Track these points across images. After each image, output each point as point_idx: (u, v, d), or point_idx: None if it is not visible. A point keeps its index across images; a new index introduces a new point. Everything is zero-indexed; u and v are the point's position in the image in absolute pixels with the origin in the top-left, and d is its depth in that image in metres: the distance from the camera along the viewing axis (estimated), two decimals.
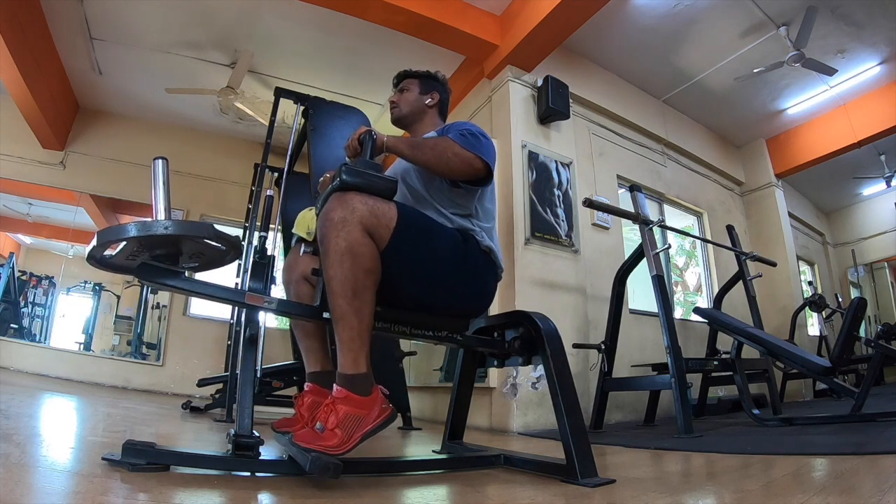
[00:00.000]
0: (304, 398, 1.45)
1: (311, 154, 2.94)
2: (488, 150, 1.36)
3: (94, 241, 0.99)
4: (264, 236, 1.44)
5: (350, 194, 1.14)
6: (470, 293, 1.37)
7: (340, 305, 1.10)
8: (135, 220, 1.01)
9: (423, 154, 1.30)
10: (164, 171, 1.07)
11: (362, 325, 1.11)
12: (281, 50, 4.01)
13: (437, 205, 1.39)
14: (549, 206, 3.37)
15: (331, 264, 1.11)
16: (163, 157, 1.08)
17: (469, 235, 1.37)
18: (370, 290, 1.13)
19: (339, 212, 1.11)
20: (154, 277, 1.08)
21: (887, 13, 3.57)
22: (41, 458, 1.07)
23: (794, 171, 5.31)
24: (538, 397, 2.83)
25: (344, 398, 1.07)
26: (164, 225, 0.99)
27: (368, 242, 1.13)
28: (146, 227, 0.98)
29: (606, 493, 1.06)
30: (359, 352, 1.10)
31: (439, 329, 1.38)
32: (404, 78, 1.68)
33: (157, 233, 0.99)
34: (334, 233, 1.10)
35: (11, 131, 4.38)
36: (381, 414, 1.10)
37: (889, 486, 1.05)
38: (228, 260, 1.18)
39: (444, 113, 1.68)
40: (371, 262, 1.13)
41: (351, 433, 1.05)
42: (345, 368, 1.10)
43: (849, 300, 5.10)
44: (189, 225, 1.07)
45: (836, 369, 2.45)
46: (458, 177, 1.34)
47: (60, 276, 4.77)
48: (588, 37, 3.72)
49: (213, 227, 1.06)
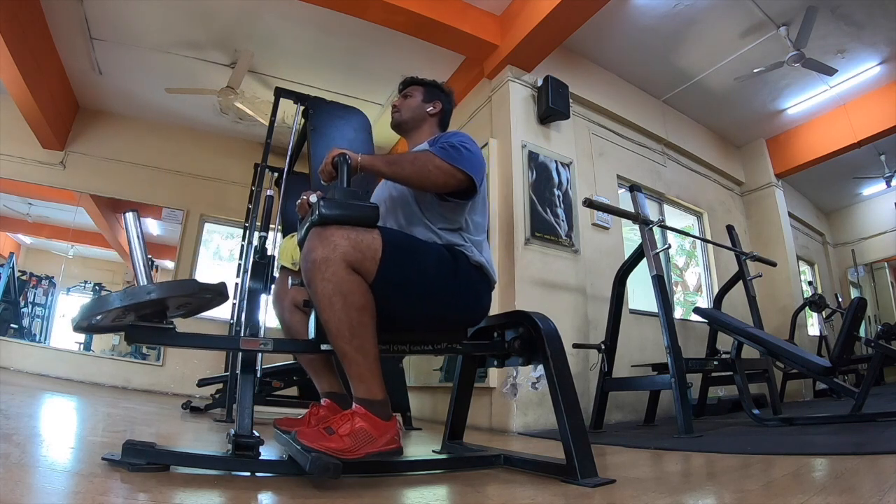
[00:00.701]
0: (320, 410, 1.47)
1: (311, 154, 2.94)
2: (471, 162, 1.32)
3: (79, 315, 0.99)
4: (264, 236, 1.44)
5: (330, 230, 1.10)
6: (463, 307, 1.35)
7: (341, 347, 1.09)
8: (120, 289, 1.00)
9: (403, 170, 1.26)
10: (136, 224, 1.04)
11: (367, 360, 1.10)
12: (281, 50, 4.02)
13: (427, 220, 1.36)
14: (549, 206, 3.37)
15: (322, 308, 1.09)
16: (133, 210, 1.05)
17: (458, 251, 1.34)
18: (367, 325, 1.10)
19: (321, 251, 1.08)
20: (144, 339, 1.10)
21: (887, 13, 3.57)
22: (41, 458, 1.07)
23: (794, 171, 5.31)
24: (538, 397, 2.83)
25: (363, 415, 1.08)
26: (147, 290, 0.98)
27: (355, 279, 1.10)
28: (131, 296, 0.97)
29: (606, 493, 1.06)
30: (371, 382, 1.10)
31: (438, 342, 1.38)
32: (410, 84, 1.65)
33: (142, 300, 0.98)
34: (319, 276, 1.07)
35: (11, 131, 4.39)
36: (390, 442, 1.10)
37: (889, 486, 1.05)
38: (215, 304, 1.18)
39: (444, 124, 1.64)
40: (362, 299, 1.10)
41: (359, 446, 1.05)
42: (359, 394, 1.11)
43: (849, 300, 5.10)
44: (172, 286, 1.05)
45: (836, 369, 2.45)
46: (441, 189, 1.31)
47: (60, 276, 4.76)
48: (588, 37, 3.72)
49: (195, 282, 1.05)
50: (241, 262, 3.67)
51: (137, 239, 1.03)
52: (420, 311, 1.27)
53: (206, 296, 1.09)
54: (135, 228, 1.03)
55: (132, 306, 0.99)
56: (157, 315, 1.10)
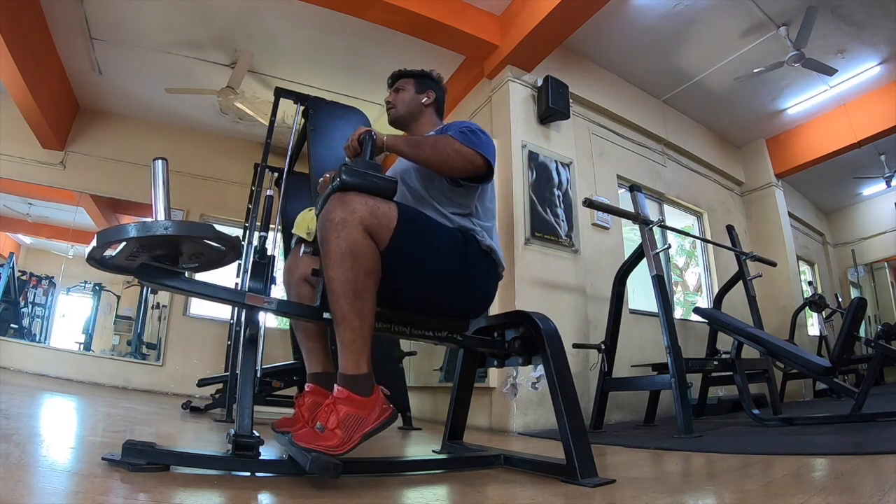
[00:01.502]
0: (305, 398, 1.45)
1: (311, 154, 2.94)
2: (488, 147, 1.36)
3: (94, 242, 0.99)
4: (264, 236, 1.44)
5: (350, 195, 1.14)
6: (470, 292, 1.36)
7: (341, 307, 1.10)
8: (135, 221, 1.01)
9: (424, 152, 1.29)
10: (164, 171, 1.06)
11: (363, 326, 1.11)
12: (281, 50, 4.02)
13: (436, 204, 1.39)
14: (549, 206, 3.37)
15: (331, 265, 1.10)
16: (162, 158, 1.07)
17: (469, 235, 1.36)
18: (371, 291, 1.12)
19: (340, 212, 1.11)
20: (154, 278, 1.08)
21: (887, 13, 3.57)
22: (41, 458, 1.07)
23: (794, 171, 5.31)
24: (538, 397, 2.83)
25: (345, 398, 1.07)
26: (164, 225, 0.99)
27: (369, 243, 1.12)
28: (146, 228, 0.98)
29: (606, 493, 1.06)
30: (360, 353, 1.10)
31: (439, 329, 1.38)
32: (399, 78, 1.67)
33: (157, 233, 0.98)
34: (335, 234, 1.10)
35: (11, 131, 4.38)
36: (381, 414, 1.10)
37: (889, 486, 1.05)
38: (228, 260, 1.18)
39: (440, 111, 1.67)
40: (372, 263, 1.13)
41: (351, 433, 1.05)
42: (346, 369, 1.10)
43: (849, 300, 5.10)
44: (189, 225, 1.07)
45: (836, 369, 2.45)
46: (459, 174, 1.34)
47: (60, 276, 4.77)
48: (588, 37, 3.72)
49: (213, 227, 1.06)
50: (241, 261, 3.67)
51: (163, 185, 1.06)
52: (426, 289, 1.28)
53: (221, 246, 1.09)
54: (162, 174, 1.06)
55: (147, 239, 1.00)
56: (170, 259, 1.11)
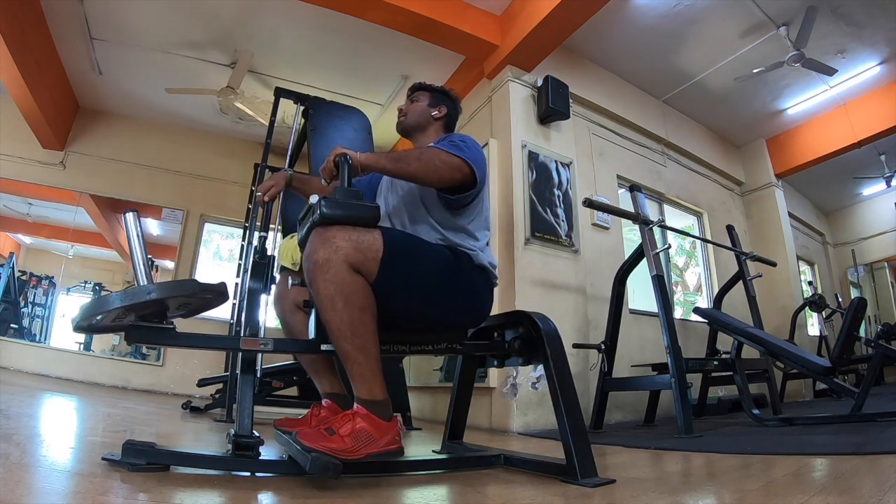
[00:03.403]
0: (321, 410, 1.46)
1: (311, 154, 2.95)
2: (476, 156, 1.35)
3: (79, 316, 0.99)
4: (264, 236, 1.44)
5: (332, 230, 1.11)
6: (465, 307, 1.35)
7: (343, 347, 1.09)
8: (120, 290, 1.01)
9: (409, 166, 1.25)
10: (137, 224, 1.04)
11: (369, 360, 1.10)
12: (281, 50, 4.01)
13: (432, 220, 1.37)
14: (549, 206, 3.37)
15: (324, 309, 1.09)
16: (133, 210, 1.05)
17: (461, 252, 1.34)
18: (368, 324, 1.11)
19: (323, 252, 1.08)
20: (144, 339, 1.09)
21: (887, 13, 3.57)
22: (41, 458, 1.07)
23: (794, 171, 5.31)
24: (538, 397, 2.83)
25: (365, 415, 1.08)
26: (147, 291, 0.98)
27: (357, 279, 1.11)
28: (131, 296, 0.97)
29: (606, 493, 1.06)
30: (372, 382, 1.10)
31: (438, 342, 1.38)
32: (417, 89, 1.65)
33: (142, 300, 0.98)
34: (321, 276, 1.08)
35: (11, 131, 4.38)
36: (391, 443, 1.10)
37: (889, 486, 1.05)
38: (216, 304, 1.18)
39: (450, 129, 1.64)
40: (364, 299, 1.11)
41: (360, 447, 1.05)
42: (361, 395, 1.11)
43: (849, 300, 5.10)
44: (172, 286, 1.05)
45: (836, 369, 2.45)
46: (447, 184, 1.31)
47: (60, 276, 4.76)
48: (588, 37, 3.72)
49: (196, 282, 1.06)
50: (241, 262, 3.67)
51: (137, 239, 1.04)
52: (421, 311, 1.27)
53: (207, 296, 1.09)
54: (135, 228, 1.03)
55: (132, 306, 0.99)
56: (158, 315, 1.10)
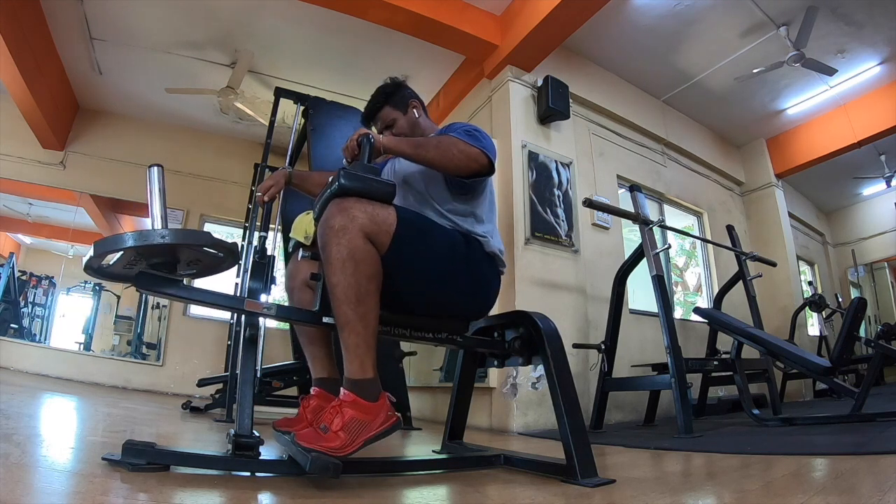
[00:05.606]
0: (310, 401, 1.45)
1: (311, 154, 2.95)
2: (490, 146, 1.38)
3: (91, 252, 0.98)
4: (264, 236, 1.43)
5: (349, 201, 1.14)
6: (472, 293, 1.37)
7: (345, 312, 1.10)
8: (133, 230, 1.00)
9: (428, 152, 1.29)
10: (160, 178, 1.05)
11: (367, 330, 1.11)
12: (281, 50, 4.02)
13: (437, 206, 1.39)
14: (549, 206, 3.37)
15: (333, 272, 1.11)
16: (158, 165, 1.06)
17: (471, 238, 1.37)
18: (373, 295, 1.13)
19: (339, 220, 1.11)
20: (152, 286, 1.08)
21: (887, 13, 3.57)
22: (41, 458, 1.07)
23: (794, 171, 5.31)
24: (538, 397, 2.83)
25: (351, 402, 1.08)
26: (161, 234, 0.98)
27: (370, 248, 1.13)
28: (143, 237, 0.97)
29: (606, 493, 1.06)
30: (365, 357, 1.10)
31: (439, 331, 1.38)
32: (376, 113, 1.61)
33: (155, 242, 0.97)
34: (335, 241, 1.10)
35: (11, 131, 4.39)
36: (386, 421, 1.10)
37: (889, 486, 1.05)
38: (226, 266, 1.18)
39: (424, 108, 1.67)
40: (373, 268, 1.13)
41: (354, 437, 1.05)
42: (351, 373, 1.10)
43: (849, 300, 5.10)
44: (186, 233, 1.06)
45: (836, 369, 2.45)
46: (463, 173, 1.34)
47: (60, 276, 4.77)
48: (588, 37, 3.72)
49: (210, 234, 1.05)
50: (242, 262, 3.67)
51: (159, 192, 1.05)
52: (427, 291, 1.28)
53: (219, 252, 1.08)
54: (158, 182, 1.05)
55: (144, 248, 0.99)
56: (168, 266, 1.10)
